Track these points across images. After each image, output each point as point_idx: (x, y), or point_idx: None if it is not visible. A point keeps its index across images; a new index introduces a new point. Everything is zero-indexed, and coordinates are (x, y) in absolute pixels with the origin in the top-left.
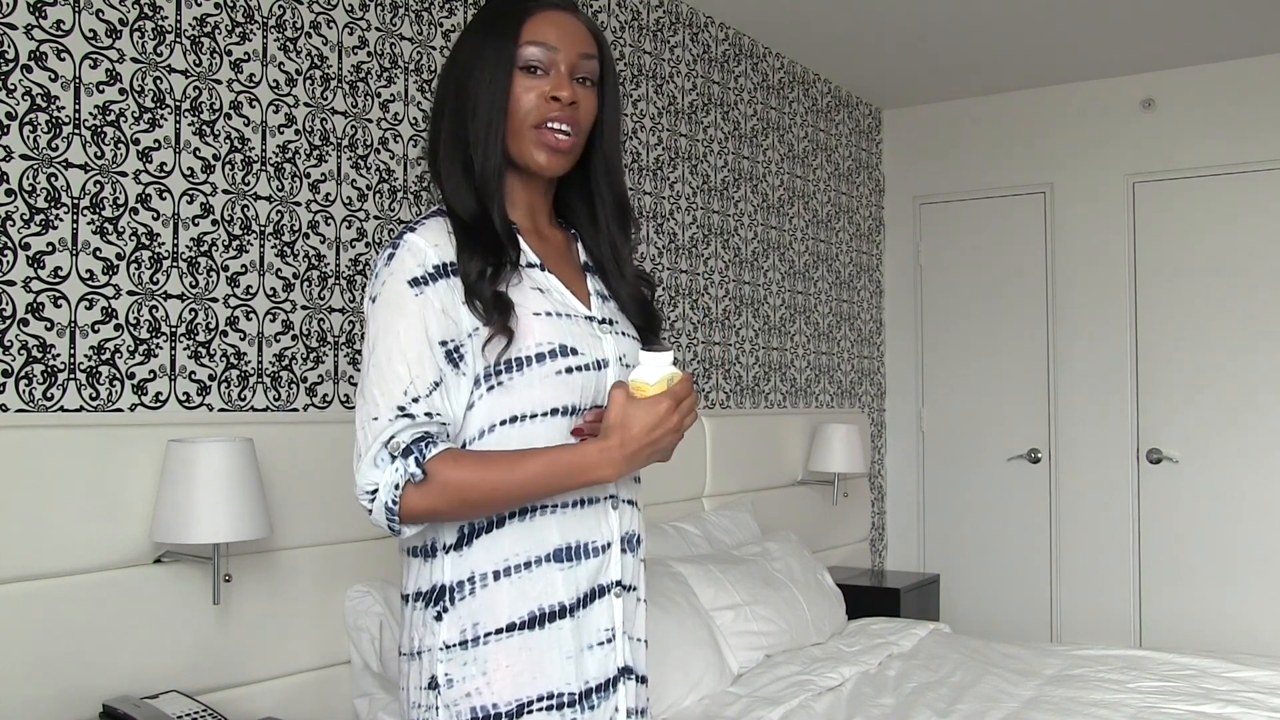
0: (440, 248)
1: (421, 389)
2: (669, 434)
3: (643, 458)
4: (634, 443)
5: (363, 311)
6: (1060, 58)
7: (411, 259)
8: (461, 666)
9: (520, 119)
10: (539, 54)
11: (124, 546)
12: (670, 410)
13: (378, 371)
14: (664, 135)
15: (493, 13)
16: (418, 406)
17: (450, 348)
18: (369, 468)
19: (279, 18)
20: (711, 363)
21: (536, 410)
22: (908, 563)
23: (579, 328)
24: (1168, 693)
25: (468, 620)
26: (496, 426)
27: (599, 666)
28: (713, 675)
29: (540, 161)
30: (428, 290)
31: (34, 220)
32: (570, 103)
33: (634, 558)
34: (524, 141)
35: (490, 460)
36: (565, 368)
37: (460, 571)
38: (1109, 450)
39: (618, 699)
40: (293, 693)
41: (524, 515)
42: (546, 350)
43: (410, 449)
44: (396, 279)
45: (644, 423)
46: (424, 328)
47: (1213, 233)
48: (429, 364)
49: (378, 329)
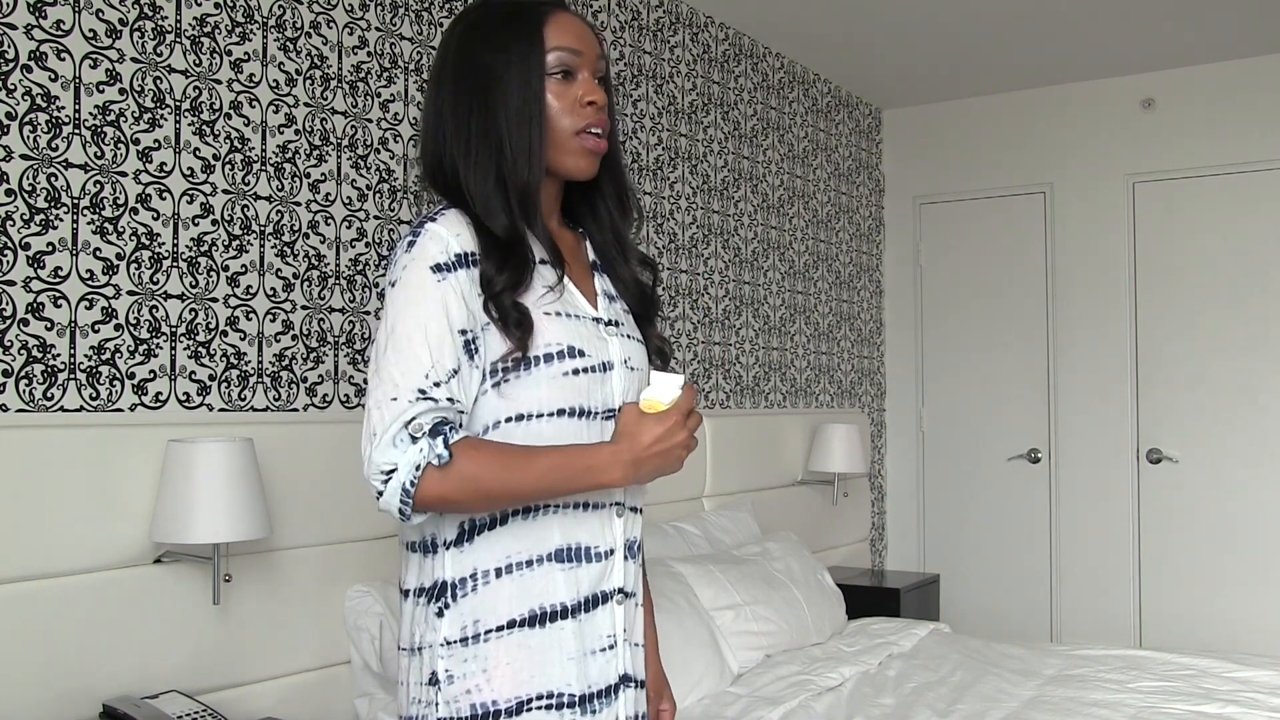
0: (461, 237)
1: (442, 374)
2: (676, 447)
3: (650, 466)
4: (643, 450)
5: (365, 311)
6: (1060, 58)
7: (434, 245)
8: (462, 663)
9: (560, 128)
10: (568, 59)
11: (124, 546)
12: (679, 424)
13: (397, 353)
14: (664, 135)
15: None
16: (439, 391)
17: (468, 337)
18: (387, 447)
19: (279, 18)
20: (711, 363)
21: (542, 410)
22: (908, 563)
23: (586, 329)
24: (1168, 693)
25: (469, 617)
26: (501, 423)
27: (601, 672)
28: (713, 675)
29: (582, 166)
30: (450, 277)
31: (34, 220)
32: (602, 106)
33: (635, 564)
34: (564, 151)
35: (508, 453)
36: (572, 369)
37: (462, 568)
38: (1109, 450)
39: (619, 706)
40: (293, 693)
41: (526, 514)
42: (555, 351)
43: (437, 429)
44: (419, 264)
45: (654, 433)
46: (446, 314)
47: (1213, 233)
48: (449, 350)
49: (398, 312)
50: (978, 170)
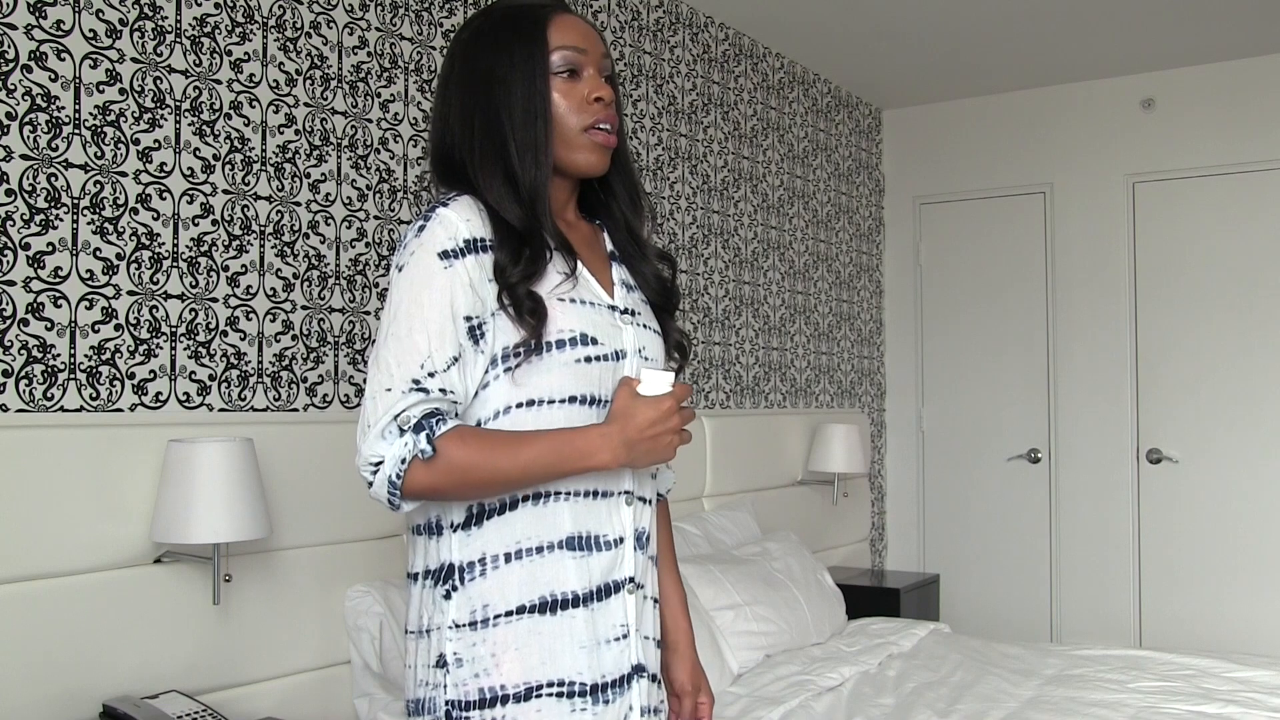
0: (471, 223)
1: (439, 363)
2: (669, 433)
3: (642, 450)
4: (635, 432)
5: (365, 311)
6: (1060, 58)
7: (443, 231)
8: (470, 647)
9: (568, 125)
10: (572, 57)
11: (124, 546)
12: (672, 410)
13: (396, 341)
14: (664, 135)
15: (506, 19)
16: (433, 381)
17: (474, 324)
18: (376, 439)
19: (279, 18)
20: (711, 363)
21: (554, 396)
22: (908, 563)
23: (601, 317)
24: (1168, 693)
25: (477, 601)
26: (513, 409)
27: (614, 662)
28: (713, 675)
29: (592, 162)
30: (457, 264)
31: (34, 220)
32: (610, 102)
33: (644, 555)
34: (573, 147)
35: (495, 440)
36: (585, 356)
37: (470, 552)
38: (1109, 450)
39: (632, 697)
40: (293, 693)
41: (537, 500)
42: (568, 338)
43: (422, 424)
44: (426, 250)
45: (647, 416)
46: (449, 301)
47: (1213, 233)
48: (449, 338)
49: (401, 298)
50: (978, 170)
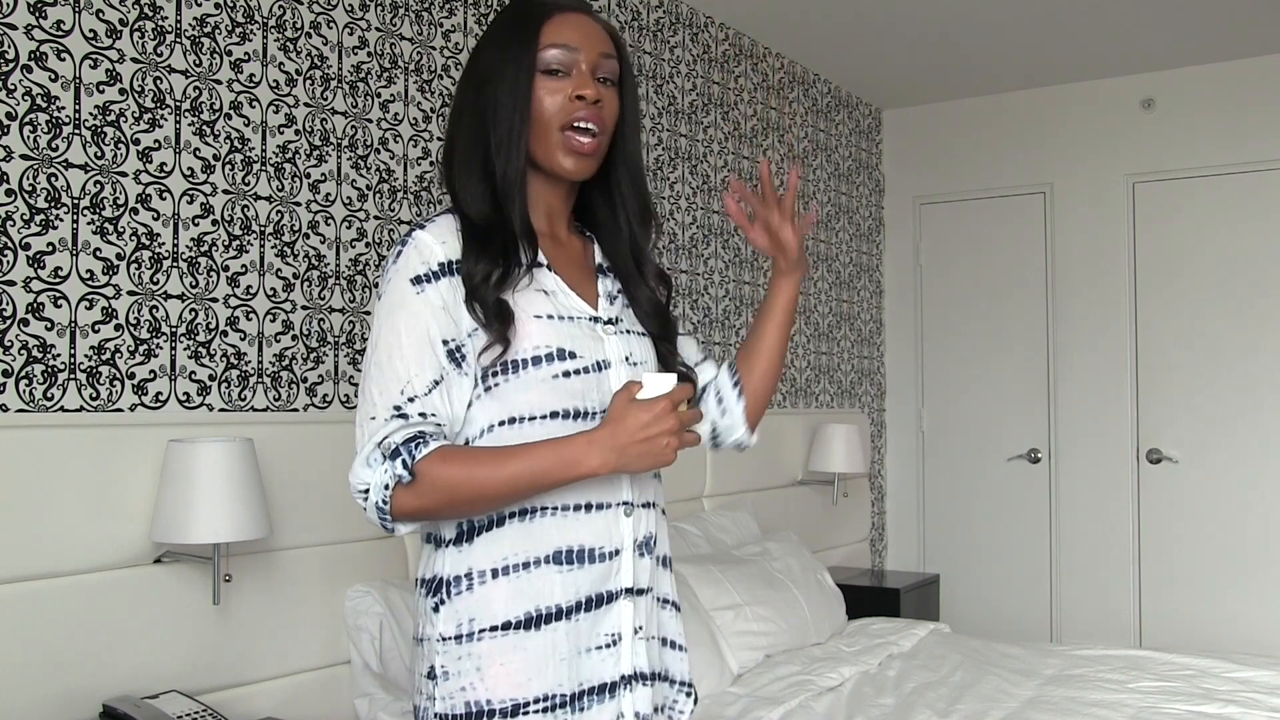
0: (448, 245)
1: (419, 388)
2: (664, 434)
3: (634, 453)
4: (625, 435)
5: (365, 311)
6: (1060, 58)
7: (417, 256)
8: (457, 660)
9: (545, 122)
10: (561, 55)
11: (124, 546)
12: (665, 411)
13: (378, 369)
14: (664, 135)
15: (511, 18)
16: (413, 406)
17: (452, 346)
18: (361, 467)
19: (279, 18)
20: None
21: (534, 413)
22: (908, 563)
23: (580, 330)
24: (1168, 693)
25: (464, 615)
26: (495, 427)
27: (593, 670)
28: (713, 675)
29: (567, 166)
30: (428, 288)
31: (34, 220)
32: (594, 101)
33: (649, 560)
34: (549, 145)
35: (479, 457)
36: (563, 371)
37: (458, 567)
38: (1109, 450)
39: (622, 704)
40: (293, 693)
41: (524, 515)
42: (544, 354)
43: (399, 450)
44: (400, 277)
45: (639, 418)
46: (425, 326)
47: (1213, 233)
48: (429, 362)
49: (380, 327)
50: (978, 170)
